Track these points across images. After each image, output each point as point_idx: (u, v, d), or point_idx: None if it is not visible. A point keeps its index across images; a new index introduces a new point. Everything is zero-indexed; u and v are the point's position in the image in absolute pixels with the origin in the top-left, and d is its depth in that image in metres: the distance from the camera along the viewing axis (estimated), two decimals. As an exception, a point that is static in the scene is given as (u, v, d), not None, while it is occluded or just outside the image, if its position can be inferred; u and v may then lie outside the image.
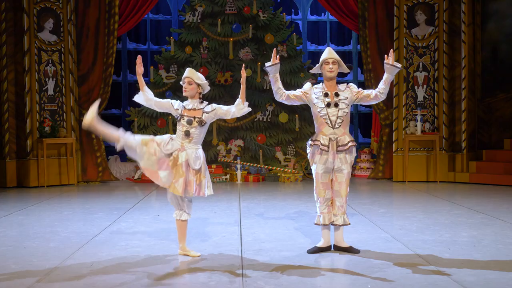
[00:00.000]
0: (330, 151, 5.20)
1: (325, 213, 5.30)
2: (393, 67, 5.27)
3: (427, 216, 7.08)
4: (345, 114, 5.23)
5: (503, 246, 5.45)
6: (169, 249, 5.50)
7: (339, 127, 5.21)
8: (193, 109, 5.23)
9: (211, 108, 5.26)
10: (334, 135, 5.21)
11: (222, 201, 8.71)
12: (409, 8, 10.88)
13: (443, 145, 10.74)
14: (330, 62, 5.29)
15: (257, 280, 4.43)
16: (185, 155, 5.13)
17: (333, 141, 5.20)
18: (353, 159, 5.29)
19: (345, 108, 5.23)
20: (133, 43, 13.18)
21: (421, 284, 4.29)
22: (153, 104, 5.29)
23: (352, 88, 5.35)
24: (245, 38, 11.92)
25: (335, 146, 5.19)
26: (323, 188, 5.27)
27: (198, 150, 5.21)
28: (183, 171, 5.10)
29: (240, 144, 11.78)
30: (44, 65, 10.66)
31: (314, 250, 5.31)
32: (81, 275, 4.62)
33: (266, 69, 5.40)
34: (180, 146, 5.15)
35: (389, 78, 5.30)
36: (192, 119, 5.17)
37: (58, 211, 7.87)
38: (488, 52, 11.01)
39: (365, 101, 5.37)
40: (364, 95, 5.33)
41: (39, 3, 10.61)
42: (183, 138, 5.17)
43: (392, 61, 5.27)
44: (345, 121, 5.24)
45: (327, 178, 5.27)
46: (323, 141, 5.22)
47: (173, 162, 5.12)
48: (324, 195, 5.28)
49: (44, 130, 10.48)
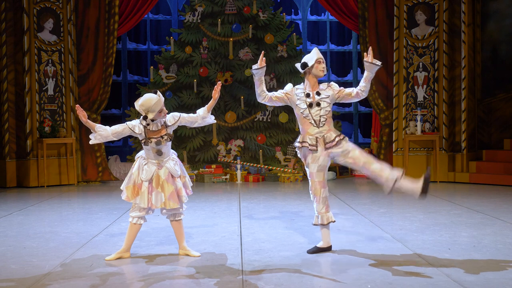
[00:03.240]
0: (319, 149, 5.21)
1: (323, 213, 5.29)
2: (372, 65, 5.25)
3: (427, 216, 7.08)
4: (327, 113, 5.26)
5: (503, 246, 5.45)
6: (169, 249, 5.50)
7: (323, 126, 5.24)
8: (157, 131, 5.12)
9: (173, 120, 5.18)
10: (320, 133, 5.23)
11: (222, 201, 8.71)
12: (409, 8, 10.88)
13: (443, 145, 10.74)
14: (322, 61, 5.30)
15: (257, 280, 4.42)
16: (164, 170, 5.14)
17: (320, 139, 5.22)
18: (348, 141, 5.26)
19: (327, 106, 5.26)
20: (133, 43, 13.18)
21: (421, 284, 4.29)
22: (112, 137, 5.13)
23: (333, 87, 5.36)
24: (245, 38, 11.92)
25: (323, 143, 5.21)
26: (319, 186, 5.26)
27: (174, 156, 5.26)
28: (170, 184, 5.12)
29: (240, 144, 11.78)
30: (44, 65, 10.67)
31: (314, 250, 5.30)
32: (81, 275, 4.62)
33: (252, 72, 5.35)
34: (157, 165, 5.14)
35: (369, 75, 5.28)
36: (160, 139, 5.09)
37: (58, 211, 7.87)
38: (488, 52, 11.01)
39: (347, 99, 5.38)
40: (346, 94, 5.33)
41: (39, 3, 10.60)
42: (156, 157, 5.14)
43: (371, 59, 5.24)
44: (328, 119, 5.26)
45: (321, 177, 5.26)
46: (310, 142, 5.22)
47: (156, 182, 5.11)
48: (320, 194, 5.27)
49: (44, 130, 10.48)
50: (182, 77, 11.82)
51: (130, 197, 5.17)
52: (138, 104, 5.04)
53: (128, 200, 5.20)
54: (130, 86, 13.05)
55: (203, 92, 11.76)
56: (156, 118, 5.07)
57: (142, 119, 5.11)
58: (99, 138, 5.10)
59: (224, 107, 11.82)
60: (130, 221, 5.24)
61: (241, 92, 11.86)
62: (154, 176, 5.12)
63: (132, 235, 5.24)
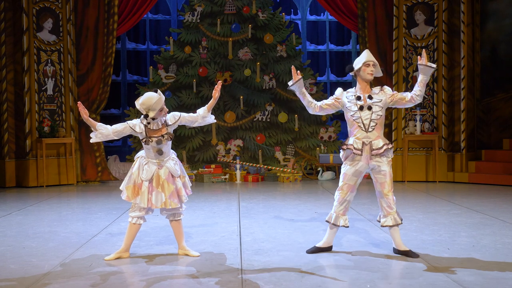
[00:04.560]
0: (364, 155, 5.09)
1: (339, 214, 5.24)
2: (427, 68, 5.08)
3: (426, 216, 7.08)
4: (378, 118, 5.09)
5: (502, 246, 5.45)
6: (168, 248, 5.50)
7: (372, 131, 5.08)
8: (158, 129, 5.11)
9: (174, 120, 5.17)
10: (368, 138, 5.08)
11: (221, 201, 8.71)
12: (409, 8, 10.88)
13: (442, 145, 10.74)
14: (370, 64, 5.13)
15: (256, 280, 4.42)
16: (165, 169, 5.12)
17: (366, 145, 5.08)
18: (390, 160, 5.14)
19: (379, 111, 5.09)
20: (132, 43, 13.18)
21: (420, 284, 4.29)
22: (112, 136, 5.13)
23: (386, 90, 5.19)
24: (244, 38, 11.93)
25: (369, 150, 5.08)
26: (347, 189, 5.17)
27: (173, 156, 5.25)
28: (170, 183, 5.11)
29: (239, 144, 11.78)
30: (43, 65, 10.66)
31: (313, 250, 5.30)
32: (80, 275, 4.62)
33: (291, 89, 5.24)
34: (157, 164, 5.13)
35: (424, 79, 5.10)
36: (161, 138, 5.08)
37: (57, 211, 7.86)
38: (487, 52, 11.01)
39: (400, 104, 5.20)
40: (399, 98, 5.16)
41: (38, 3, 10.60)
42: (157, 156, 5.12)
43: (425, 61, 5.06)
44: (378, 124, 5.10)
45: (354, 181, 5.16)
46: (356, 145, 5.09)
47: (156, 181, 5.10)
48: (345, 196, 5.19)
49: (43, 130, 10.48)
50: (181, 77, 11.82)
51: (130, 197, 5.17)
52: (138, 103, 5.04)
53: (128, 200, 5.19)
54: (129, 86, 13.05)
55: (203, 92, 11.76)
56: (157, 117, 5.07)
57: (142, 118, 5.11)
58: (99, 137, 5.09)
59: (224, 107, 11.82)
60: (129, 221, 5.24)
61: (240, 92, 11.86)
62: (155, 175, 5.12)
63: (132, 235, 5.24)
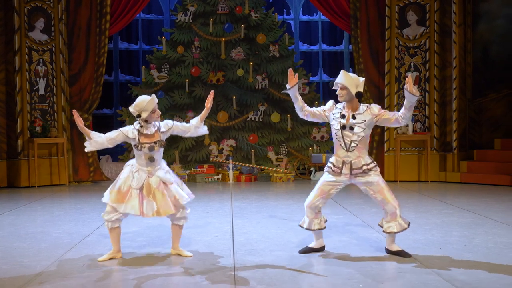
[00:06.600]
0: (343, 174, 5.05)
1: (311, 218, 5.22)
2: (410, 95, 4.91)
3: (419, 216, 7.10)
4: (360, 138, 5.02)
5: (494, 245, 5.48)
6: (161, 249, 5.49)
7: (353, 151, 5.03)
8: (151, 135, 5.07)
9: (167, 128, 5.15)
10: (348, 158, 5.04)
11: (214, 201, 8.71)
12: (401, 9, 10.92)
13: (434, 145, 10.78)
14: (339, 86, 5.05)
15: (249, 280, 4.43)
16: (157, 179, 5.05)
17: (347, 164, 5.04)
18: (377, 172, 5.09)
19: (361, 132, 5.01)
20: (124, 42, 13.15)
21: (412, 284, 4.30)
22: (107, 144, 5.10)
23: (372, 110, 5.05)
24: (237, 38, 11.93)
25: (349, 169, 5.04)
26: (319, 194, 5.13)
27: (164, 165, 5.16)
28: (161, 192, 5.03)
29: (232, 144, 11.78)
30: (35, 65, 10.62)
31: (306, 250, 5.30)
32: (73, 276, 4.61)
33: (286, 92, 5.18)
34: (148, 173, 5.06)
35: (409, 104, 4.96)
36: (153, 145, 5.04)
37: (49, 211, 7.83)
38: (479, 52, 11.06)
39: (386, 124, 5.13)
40: (385, 118, 5.06)
41: (29, 2, 10.56)
42: (148, 164, 5.06)
43: (410, 88, 4.87)
44: (360, 145, 5.04)
45: (328, 189, 5.11)
46: (336, 163, 5.08)
47: (147, 190, 5.02)
48: (315, 200, 5.15)
49: (35, 130, 10.43)
50: (174, 77, 11.80)
51: (112, 200, 5.03)
52: (132, 106, 5.03)
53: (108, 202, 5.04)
54: (121, 86, 13.01)
55: (195, 92, 11.75)
56: (150, 120, 5.05)
57: (136, 123, 5.08)
58: (94, 145, 5.06)
59: (216, 107, 11.81)
60: (107, 227, 5.13)
61: (233, 92, 11.86)
62: (145, 184, 5.03)
63: (116, 238, 5.14)
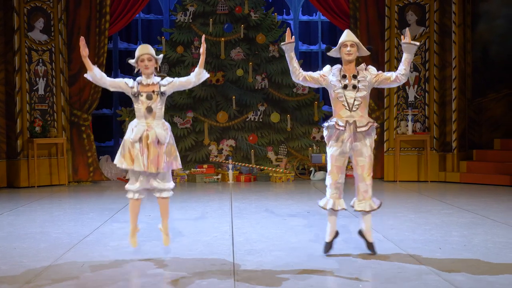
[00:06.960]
0: (347, 133, 5.05)
1: (335, 198, 5.21)
2: (410, 46, 5.05)
3: (418, 216, 7.10)
4: (363, 95, 5.08)
5: (493, 245, 5.48)
6: (160, 249, 5.48)
7: (356, 110, 5.06)
8: (150, 84, 5.08)
9: (168, 81, 5.16)
10: (351, 118, 5.06)
11: (213, 201, 8.71)
12: (400, 9, 10.92)
13: (434, 145, 10.78)
14: (348, 44, 5.09)
15: (249, 280, 4.42)
16: (153, 133, 4.99)
17: (350, 124, 5.05)
18: (372, 141, 5.14)
19: (364, 90, 5.08)
20: (124, 42, 13.14)
21: (412, 284, 4.30)
22: (107, 84, 5.13)
23: (371, 70, 5.16)
24: (236, 38, 11.93)
25: (353, 129, 5.05)
26: (337, 171, 5.15)
27: (164, 123, 5.12)
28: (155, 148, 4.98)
29: (231, 144, 11.78)
30: (34, 65, 10.61)
31: (327, 247, 5.18)
32: (72, 276, 4.60)
33: (281, 47, 5.25)
34: (146, 126, 5.01)
35: (409, 57, 5.07)
36: (151, 93, 5.03)
37: (49, 211, 7.83)
38: (479, 52, 11.07)
39: (385, 84, 5.19)
40: (384, 78, 5.13)
41: (29, 2, 10.55)
42: (146, 116, 5.02)
43: (409, 40, 5.03)
44: (363, 104, 5.09)
45: (341, 162, 5.14)
46: (340, 123, 5.07)
47: (144, 142, 4.97)
48: (337, 178, 5.16)
49: (34, 130, 10.43)
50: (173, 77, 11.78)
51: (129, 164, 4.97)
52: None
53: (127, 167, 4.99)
54: (121, 86, 13.00)
55: (195, 92, 11.75)
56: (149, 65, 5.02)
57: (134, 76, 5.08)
58: (93, 77, 5.09)
59: (216, 107, 11.82)
60: (129, 198, 5.12)
61: (232, 92, 11.86)
62: (144, 136, 4.98)
63: (135, 213, 5.15)
